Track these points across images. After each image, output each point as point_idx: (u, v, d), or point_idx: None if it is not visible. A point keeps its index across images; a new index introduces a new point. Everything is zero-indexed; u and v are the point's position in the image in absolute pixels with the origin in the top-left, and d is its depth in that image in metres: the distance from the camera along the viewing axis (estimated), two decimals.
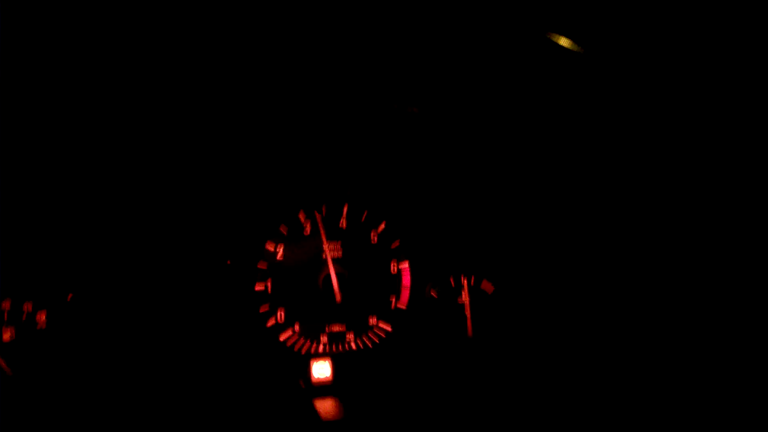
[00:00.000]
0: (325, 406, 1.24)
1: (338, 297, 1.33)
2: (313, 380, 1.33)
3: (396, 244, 1.42)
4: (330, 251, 1.36)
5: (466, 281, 1.44)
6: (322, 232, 1.36)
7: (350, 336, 1.37)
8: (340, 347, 1.37)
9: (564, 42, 1.06)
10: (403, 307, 1.41)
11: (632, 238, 1.32)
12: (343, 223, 1.39)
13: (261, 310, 1.32)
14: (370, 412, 1.22)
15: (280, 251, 1.35)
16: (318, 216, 1.36)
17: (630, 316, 1.30)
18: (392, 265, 1.41)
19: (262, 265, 1.33)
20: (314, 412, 1.21)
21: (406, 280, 1.41)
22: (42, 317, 1.19)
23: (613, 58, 1.11)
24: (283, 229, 1.35)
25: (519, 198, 1.46)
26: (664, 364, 1.22)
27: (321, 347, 1.36)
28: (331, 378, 1.34)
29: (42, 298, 1.20)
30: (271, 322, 1.33)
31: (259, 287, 1.32)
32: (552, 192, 1.44)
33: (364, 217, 1.40)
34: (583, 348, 1.36)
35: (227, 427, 1.15)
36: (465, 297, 1.43)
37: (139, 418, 1.17)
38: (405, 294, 1.41)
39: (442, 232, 1.45)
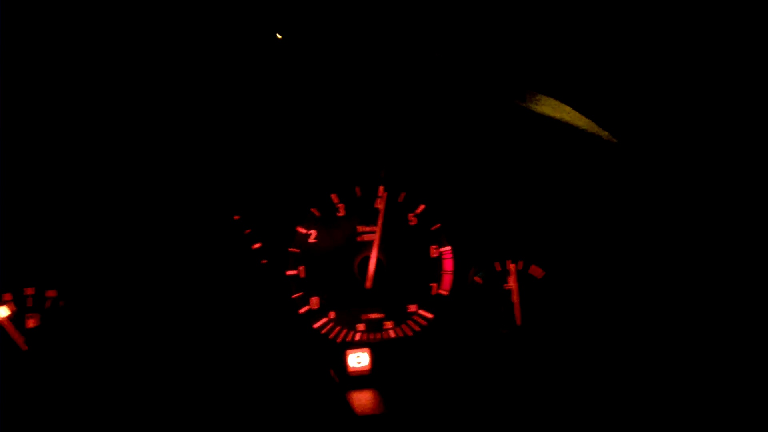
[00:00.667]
0: (362, 399, 1.16)
1: (369, 283, 1.25)
2: (350, 370, 1.25)
3: (436, 226, 1.32)
4: (372, 234, 1.28)
5: (513, 266, 1.33)
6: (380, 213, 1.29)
7: (389, 324, 1.29)
8: (378, 336, 1.28)
9: None
10: (445, 293, 1.31)
11: (694, 219, 1.20)
12: (379, 204, 1.31)
13: (293, 297, 1.25)
14: (409, 406, 1.13)
15: (313, 234, 1.28)
16: (384, 195, 1.30)
17: (691, 301, 1.18)
18: (432, 249, 1.32)
19: (294, 249, 1.26)
20: (350, 406, 1.13)
21: (448, 265, 1.32)
22: (65, 304, 1.16)
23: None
24: (316, 212, 1.28)
25: (571, 175, 1.35)
26: (715, 351, 1.11)
27: (358, 336, 1.28)
28: (369, 368, 1.26)
29: (66, 286, 1.16)
30: (304, 309, 1.26)
31: (290, 273, 1.26)
32: (607, 169, 1.32)
33: (401, 199, 1.32)
34: (639, 339, 1.23)
35: (257, 419, 1.09)
36: (512, 283, 1.33)
37: (170, 408, 1.12)
38: (447, 279, 1.32)
39: (486, 213, 1.35)
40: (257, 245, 1.25)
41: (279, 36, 1.06)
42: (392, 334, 1.29)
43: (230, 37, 1.05)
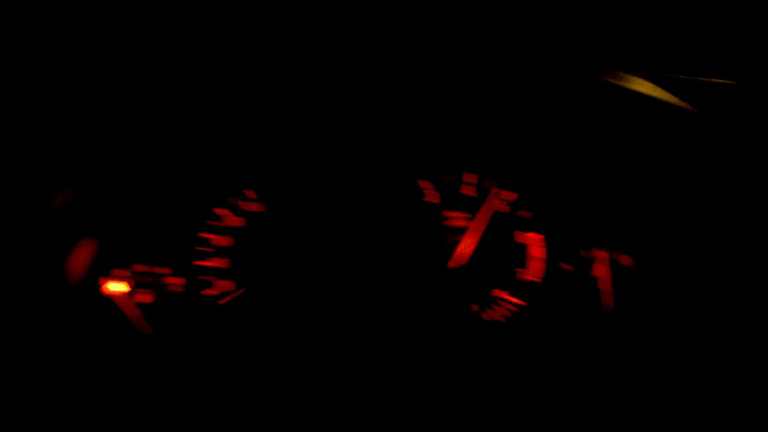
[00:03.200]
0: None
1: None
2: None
3: (528, 215, 1.33)
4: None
5: (603, 254, 1.32)
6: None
7: (475, 308, 1.30)
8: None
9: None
10: (537, 279, 1.31)
11: None
12: (470, 191, 1.31)
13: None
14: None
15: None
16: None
17: None
18: (521, 236, 1.33)
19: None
20: None
21: (538, 251, 1.32)
22: (180, 282, 1.21)
23: None
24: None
25: (662, 164, 1.32)
26: None
27: None
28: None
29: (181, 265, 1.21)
30: None
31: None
32: (694, 157, 1.29)
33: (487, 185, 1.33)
34: (729, 330, 1.21)
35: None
36: (602, 271, 1.31)
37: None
38: (537, 266, 1.32)
39: (576, 201, 1.34)
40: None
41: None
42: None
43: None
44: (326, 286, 1.25)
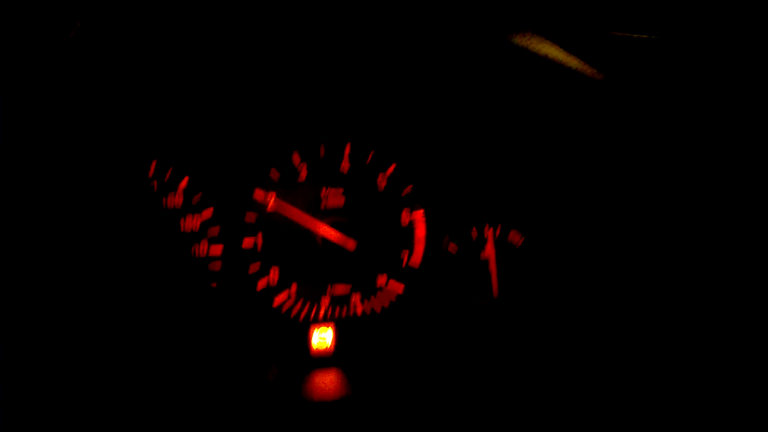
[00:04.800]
0: (326, 380, 1.08)
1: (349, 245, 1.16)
2: (313, 350, 1.16)
3: (408, 190, 1.21)
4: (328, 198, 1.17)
5: (490, 232, 1.23)
6: None
7: (356, 298, 1.19)
8: (344, 312, 1.19)
9: None
10: (417, 264, 1.21)
11: (685, 185, 1.12)
12: (344, 166, 1.18)
13: (250, 271, 1.14)
14: (376, 388, 1.06)
15: (271, 201, 1.15)
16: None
17: (673, 273, 1.12)
18: (404, 215, 1.21)
19: (250, 218, 1.14)
20: (314, 387, 1.05)
21: (420, 232, 1.21)
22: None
23: None
24: (274, 175, 1.15)
25: (549, 134, 1.23)
26: (688, 329, 1.09)
27: (322, 312, 1.18)
28: (332, 348, 1.17)
29: None
30: (262, 285, 1.15)
31: (247, 244, 1.13)
32: (585, 129, 1.21)
33: (369, 159, 1.19)
34: (621, 312, 1.17)
35: (216, 404, 1.00)
36: (489, 251, 1.23)
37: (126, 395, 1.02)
38: (419, 249, 1.21)
39: (462, 176, 1.23)
40: (208, 211, 1.12)
41: None
42: (359, 310, 1.19)
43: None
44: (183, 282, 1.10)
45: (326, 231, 1.15)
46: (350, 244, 1.15)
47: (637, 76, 1.09)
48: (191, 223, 1.11)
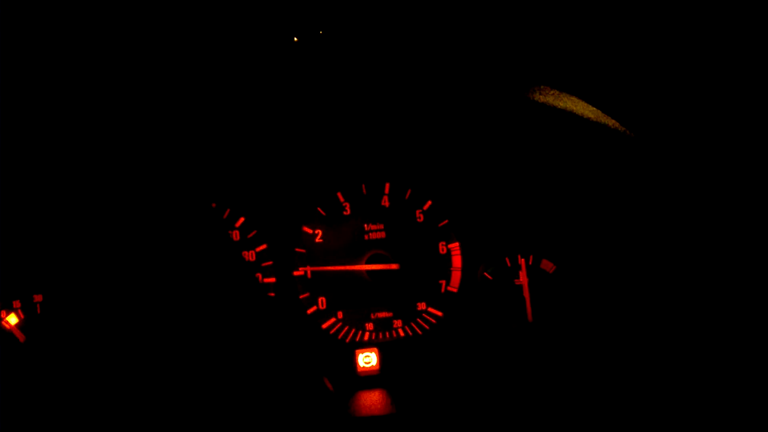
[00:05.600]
0: (372, 399, 1.15)
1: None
2: (359, 370, 1.24)
3: (444, 223, 1.30)
4: (380, 232, 1.28)
5: (523, 261, 1.31)
6: None
7: (398, 323, 1.28)
8: (387, 335, 1.27)
9: None
10: (455, 290, 1.29)
11: (706, 213, 1.16)
12: (385, 202, 1.29)
13: (301, 297, 1.25)
14: (420, 406, 1.12)
15: (319, 234, 1.27)
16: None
17: (702, 298, 1.14)
18: (440, 245, 1.30)
19: (299, 250, 1.25)
20: (360, 406, 1.12)
21: (457, 261, 1.30)
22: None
23: None
24: (321, 211, 1.27)
25: (580, 168, 1.31)
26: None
27: (366, 335, 1.26)
28: (377, 368, 1.25)
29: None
30: (312, 310, 1.25)
31: (298, 273, 1.25)
32: (616, 160, 1.28)
33: (408, 196, 1.30)
34: (653, 336, 1.20)
35: (266, 421, 1.08)
36: (523, 278, 1.30)
37: (173, 411, 1.12)
38: (456, 276, 1.30)
39: (495, 207, 1.32)
40: (263, 246, 1.25)
41: (296, 39, 1.05)
42: (401, 333, 1.28)
43: (231, 33, 1.04)
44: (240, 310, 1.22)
45: (369, 267, 1.25)
46: (394, 267, 1.25)
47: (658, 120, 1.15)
48: (248, 256, 1.24)
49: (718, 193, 1.06)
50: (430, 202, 1.30)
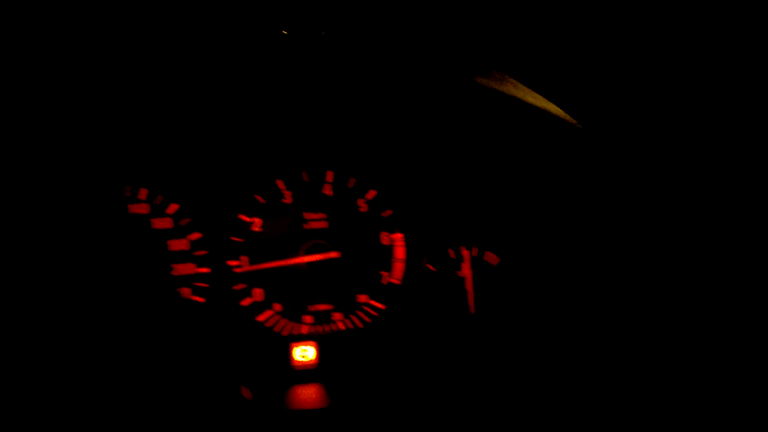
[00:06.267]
0: (308, 394, 1.11)
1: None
2: (296, 364, 1.20)
3: (387, 213, 1.27)
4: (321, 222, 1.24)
5: (467, 253, 1.29)
6: None
7: (338, 316, 1.24)
8: (327, 328, 1.23)
9: None
10: (397, 282, 1.26)
11: (653, 204, 1.16)
12: (327, 190, 1.25)
13: (235, 288, 1.19)
14: (358, 400, 1.09)
15: (257, 223, 1.21)
16: None
17: (647, 288, 1.15)
18: (383, 236, 1.27)
19: (236, 239, 1.20)
20: (294, 399, 1.08)
21: (400, 252, 1.27)
22: None
23: None
24: (260, 198, 1.22)
25: (525, 158, 1.30)
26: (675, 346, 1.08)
27: (305, 328, 1.22)
28: (315, 362, 1.20)
29: None
30: (247, 302, 1.20)
31: (232, 263, 1.19)
32: (561, 151, 1.28)
33: (351, 184, 1.26)
34: (596, 328, 1.20)
35: (201, 416, 1.03)
36: (466, 270, 1.28)
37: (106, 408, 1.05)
38: (398, 268, 1.26)
39: (440, 199, 1.30)
40: (197, 235, 1.18)
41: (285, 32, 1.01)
42: (341, 326, 1.24)
43: (167, 15, 0.98)
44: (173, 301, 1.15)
45: (309, 258, 1.21)
46: (334, 255, 1.21)
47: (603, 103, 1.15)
48: (179, 244, 1.18)
49: (663, 185, 1.07)
50: (373, 192, 1.27)
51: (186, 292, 1.16)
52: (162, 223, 1.17)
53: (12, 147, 1.00)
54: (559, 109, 1.12)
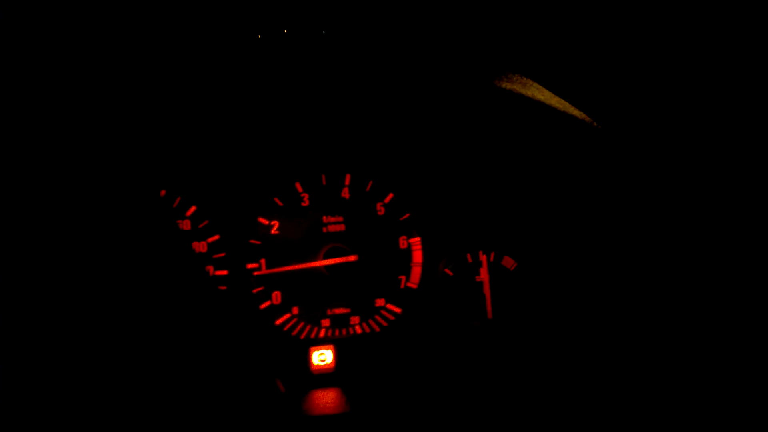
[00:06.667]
0: (326, 398, 1.11)
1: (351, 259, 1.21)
2: (313, 368, 1.20)
3: (405, 216, 1.27)
4: (339, 225, 1.24)
5: (485, 257, 1.28)
6: None
7: (355, 320, 1.24)
8: (344, 332, 1.23)
9: None
10: (414, 286, 1.26)
11: (671, 209, 1.16)
12: (345, 193, 1.24)
13: (254, 291, 1.19)
14: (375, 404, 1.09)
15: (276, 225, 1.21)
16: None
17: (666, 294, 1.14)
18: (401, 240, 1.26)
19: (254, 242, 1.20)
20: (314, 405, 1.08)
21: (417, 256, 1.26)
22: None
23: None
24: (278, 201, 1.22)
25: (544, 163, 1.29)
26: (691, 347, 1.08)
27: (322, 332, 1.22)
28: (333, 366, 1.20)
29: None
30: (265, 305, 1.20)
31: (251, 266, 1.19)
32: (580, 157, 1.27)
33: (369, 188, 1.26)
34: (613, 333, 1.19)
35: (218, 420, 1.03)
36: (484, 275, 1.28)
37: (126, 409, 1.05)
38: (416, 272, 1.26)
39: (458, 203, 1.29)
40: (215, 237, 1.18)
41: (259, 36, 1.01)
42: (358, 330, 1.24)
43: (185, 21, 0.98)
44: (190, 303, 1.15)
45: (327, 262, 1.20)
46: (352, 258, 1.20)
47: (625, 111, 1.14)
48: (198, 247, 1.18)
49: (683, 189, 1.06)
50: (391, 195, 1.26)
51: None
52: (181, 226, 1.17)
53: (27, 150, 1.01)
54: (579, 112, 1.11)
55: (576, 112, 1.11)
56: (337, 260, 1.20)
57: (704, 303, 1.07)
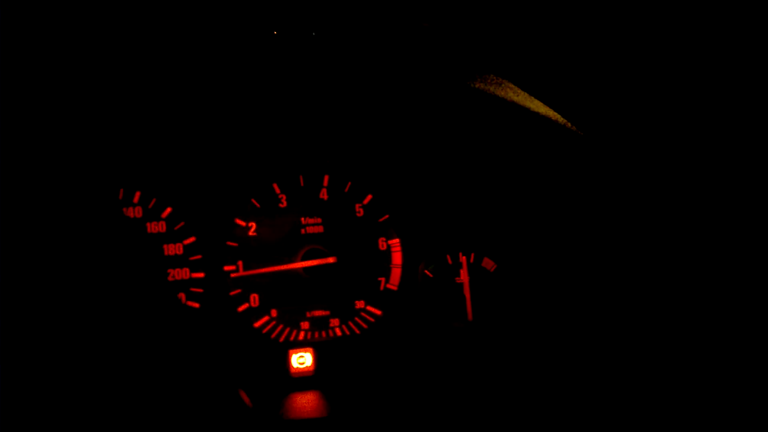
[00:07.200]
0: (306, 401, 1.09)
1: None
2: (293, 371, 1.18)
3: (384, 218, 1.26)
4: (317, 226, 1.22)
5: (464, 259, 1.28)
6: None
7: (335, 322, 1.22)
8: (324, 334, 1.21)
9: None
10: (394, 288, 1.25)
11: (648, 209, 1.17)
12: (323, 194, 1.23)
13: (231, 294, 1.17)
14: (356, 408, 1.07)
15: (253, 227, 1.19)
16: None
17: (645, 293, 1.15)
18: (380, 241, 1.25)
19: (231, 243, 1.18)
20: (293, 408, 1.06)
21: (397, 258, 1.26)
22: None
23: None
24: (255, 202, 1.20)
25: (523, 164, 1.30)
26: (674, 350, 1.09)
27: (302, 335, 1.20)
28: (312, 369, 1.18)
29: None
30: (243, 307, 1.18)
31: (228, 268, 1.17)
32: (559, 158, 1.28)
33: (347, 189, 1.25)
34: (593, 334, 1.20)
35: (196, 424, 1.00)
36: (464, 276, 1.27)
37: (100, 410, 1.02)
38: (396, 274, 1.25)
39: (437, 204, 1.29)
40: (191, 239, 1.16)
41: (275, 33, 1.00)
42: (338, 332, 1.22)
43: (162, 19, 0.97)
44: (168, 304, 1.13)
45: (305, 264, 1.19)
46: (331, 260, 1.19)
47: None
48: (174, 249, 1.15)
49: (662, 192, 1.07)
50: (370, 196, 1.26)
51: (181, 297, 1.14)
52: (156, 227, 1.14)
53: (5, 149, 0.97)
54: (557, 114, 1.12)
55: (552, 114, 1.12)
56: (316, 262, 1.19)
57: (682, 301, 1.08)
